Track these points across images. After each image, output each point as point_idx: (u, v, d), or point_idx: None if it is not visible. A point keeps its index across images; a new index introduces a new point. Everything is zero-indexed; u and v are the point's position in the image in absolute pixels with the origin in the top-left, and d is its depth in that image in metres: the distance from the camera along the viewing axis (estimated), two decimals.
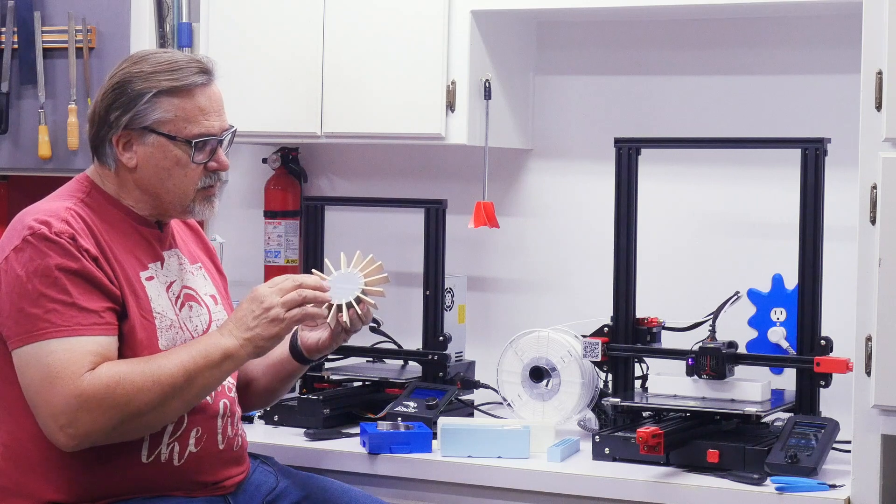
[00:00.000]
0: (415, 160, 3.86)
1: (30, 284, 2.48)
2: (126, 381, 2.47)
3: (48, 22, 3.87)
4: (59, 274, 2.49)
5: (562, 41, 3.71)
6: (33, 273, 2.49)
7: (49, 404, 2.45)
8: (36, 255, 2.50)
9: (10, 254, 2.52)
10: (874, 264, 2.69)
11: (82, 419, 2.45)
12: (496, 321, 3.76)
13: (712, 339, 3.15)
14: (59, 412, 2.45)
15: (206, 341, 2.58)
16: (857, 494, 2.74)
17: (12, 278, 2.50)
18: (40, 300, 2.48)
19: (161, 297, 2.64)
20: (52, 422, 2.46)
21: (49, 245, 2.50)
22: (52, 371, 2.45)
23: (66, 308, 2.48)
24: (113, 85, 2.64)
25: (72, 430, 2.45)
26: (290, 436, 3.23)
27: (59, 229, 2.52)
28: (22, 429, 2.55)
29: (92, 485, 2.55)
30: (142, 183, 2.66)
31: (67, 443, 2.47)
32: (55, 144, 3.83)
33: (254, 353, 2.59)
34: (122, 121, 2.62)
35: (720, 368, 3.08)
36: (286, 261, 3.90)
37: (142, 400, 2.48)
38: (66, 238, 2.51)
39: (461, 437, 3.07)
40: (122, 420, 2.48)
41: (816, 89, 3.43)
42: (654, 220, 3.46)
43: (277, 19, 3.59)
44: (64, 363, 2.45)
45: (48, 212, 2.56)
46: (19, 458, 2.56)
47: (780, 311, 3.30)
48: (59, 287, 2.49)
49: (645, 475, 2.91)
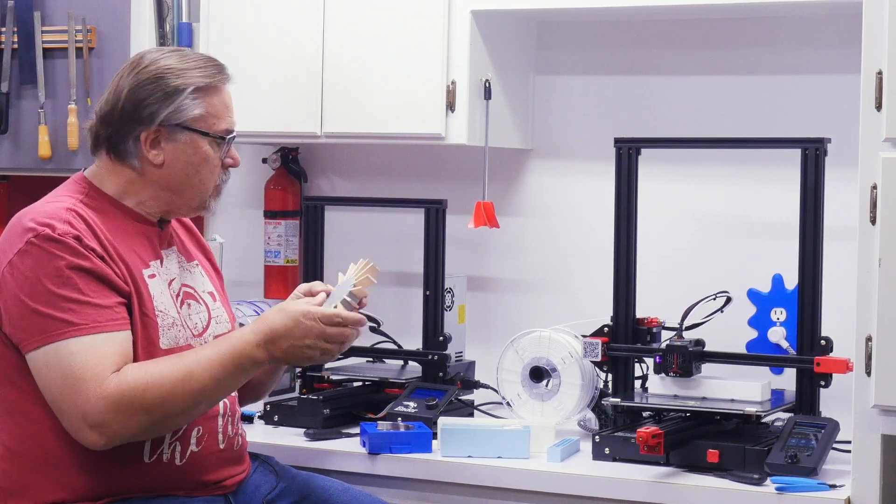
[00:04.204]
0: (415, 160, 3.86)
1: (41, 286, 2.47)
2: (155, 385, 2.47)
3: (48, 22, 3.87)
4: (70, 273, 2.49)
5: (562, 41, 3.71)
6: (44, 274, 2.48)
7: (76, 405, 2.45)
8: (43, 257, 2.49)
9: (13, 258, 2.50)
10: (874, 264, 2.69)
11: (112, 420, 2.45)
12: (496, 321, 3.76)
13: (679, 337, 3.15)
14: (87, 413, 2.45)
15: (237, 349, 2.53)
16: (857, 494, 2.74)
17: (21, 281, 2.49)
18: (54, 300, 2.47)
19: (163, 295, 2.64)
20: (81, 421, 2.46)
21: (55, 245, 2.49)
22: (75, 373, 2.45)
23: (81, 307, 2.48)
24: (145, 80, 2.62)
25: (103, 430, 2.46)
26: (290, 436, 3.23)
27: (62, 230, 2.51)
28: (23, 430, 2.55)
29: (94, 485, 2.55)
30: (165, 180, 2.66)
31: (97, 441, 2.48)
32: (55, 144, 3.83)
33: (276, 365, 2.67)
34: (159, 117, 2.62)
35: (687, 366, 3.08)
36: (286, 261, 3.90)
37: (172, 403, 2.49)
38: (70, 238, 2.51)
39: (461, 437, 3.07)
40: (153, 422, 2.50)
41: (816, 89, 3.43)
42: (654, 220, 3.46)
43: (277, 19, 3.59)
44: (87, 364, 2.45)
45: (48, 213, 2.54)
46: (20, 459, 2.56)
47: (780, 311, 3.30)
48: (72, 286, 2.48)
49: (645, 475, 2.91)
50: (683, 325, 3.19)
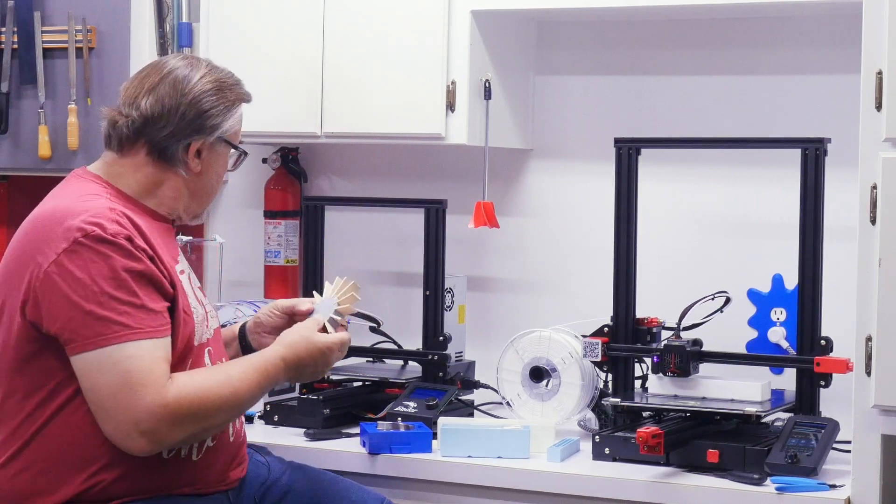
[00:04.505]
0: (415, 160, 3.86)
1: (96, 287, 2.44)
2: (210, 397, 2.51)
3: (48, 22, 3.87)
4: (125, 275, 2.47)
5: (562, 41, 3.71)
6: (98, 275, 2.45)
7: (131, 410, 2.43)
8: (96, 257, 2.46)
9: (60, 257, 2.46)
10: (874, 264, 2.69)
11: (164, 429, 2.45)
12: (496, 321, 3.76)
13: (677, 336, 3.15)
14: (141, 419, 2.43)
15: (270, 373, 2.63)
16: (857, 494, 2.74)
17: (72, 282, 2.45)
18: (110, 303, 2.44)
19: (191, 292, 2.65)
20: (131, 427, 2.44)
21: (108, 246, 2.47)
22: (132, 377, 2.43)
23: (136, 310, 2.46)
24: (209, 90, 2.65)
25: (152, 437, 2.45)
26: (290, 436, 3.24)
27: (113, 230, 2.48)
28: (43, 432, 2.51)
29: (111, 484, 2.53)
30: (194, 186, 2.68)
31: (145, 448, 2.47)
32: (55, 144, 3.83)
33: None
34: (220, 129, 2.67)
35: (684, 366, 3.08)
36: (286, 261, 3.90)
37: (221, 416, 2.55)
38: (122, 238, 2.49)
39: (461, 437, 3.07)
40: (195, 433, 2.52)
41: (816, 89, 3.43)
42: (654, 220, 3.46)
43: (277, 19, 3.59)
44: (144, 370, 2.44)
45: (94, 212, 2.50)
46: (39, 462, 2.52)
47: (780, 311, 3.30)
48: (127, 289, 2.46)
49: (645, 475, 2.91)
50: (681, 325, 3.19)
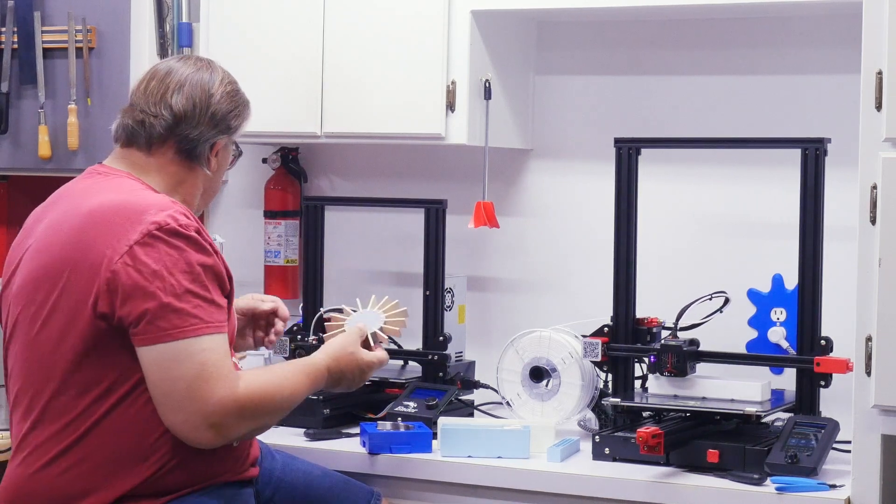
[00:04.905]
0: (415, 160, 3.86)
1: (173, 279, 2.46)
2: (274, 395, 2.56)
3: (48, 22, 3.87)
4: (199, 269, 2.50)
5: (562, 41, 3.71)
6: (174, 268, 2.47)
7: (203, 402, 2.45)
8: (171, 250, 2.48)
9: (133, 249, 2.47)
10: (874, 264, 2.69)
11: (232, 423, 2.48)
12: (496, 321, 3.76)
13: (674, 336, 3.15)
14: (212, 411, 2.46)
15: (318, 380, 2.72)
16: (857, 494, 2.74)
17: (148, 273, 2.46)
18: (186, 296, 2.46)
19: None
20: (201, 419, 2.46)
21: (182, 240, 2.49)
22: (206, 370, 2.45)
23: (207, 304, 2.49)
24: (230, 91, 2.72)
25: (220, 430, 2.48)
26: (290, 436, 3.23)
27: (185, 223, 2.51)
28: (95, 429, 2.51)
29: (165, 477, 2.53)
30: (206, 184, 2.73)
31: (211, 440, 2.49)
32: (55, 144, 3.83)
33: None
34: (240, 129, 2.74)
35: (681, 366, 3.08)
36: (286, 261, 3.90)
37: (277, 415, 2.61)
38: (193, 231, 2.52)
39: (461, 437, 3.07)
40: (255, 429, 2.57)
41: (816, 89, 3.43)
42: (654, 220, 3.46)
43: (277, 19, 3.59)
44: (217, 363, 2.47)
45: (161, 205, 2.53)
46: (91, 458, 2.51)
47: (780, 311, 3.30)
48: (201, 283, 2.49)
49: (645, 475, 2.91)
50: (678, 325, 3.18)
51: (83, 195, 2.61)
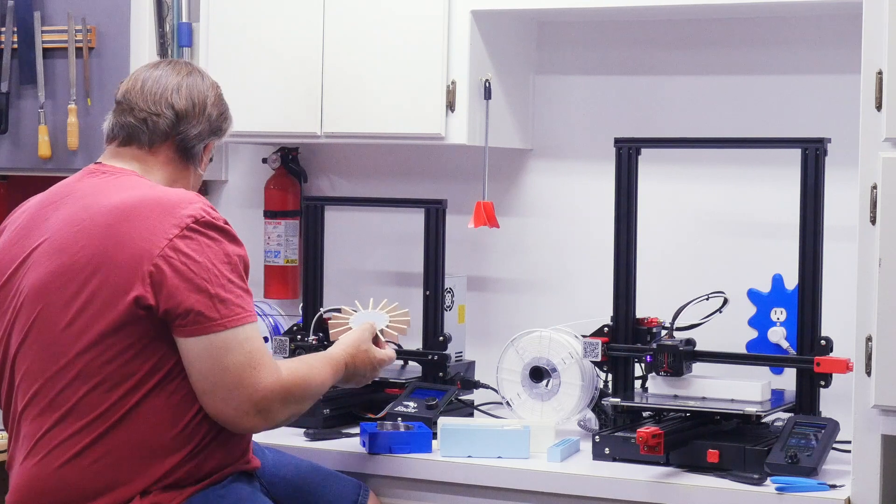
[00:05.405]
0: (415, 160, 3.86)
1: (216, 270, 2.51)
2: (311, 382, 2.66)
3: (48, 22, 3.87)
4: (236, 259, 2.56)
5: (562, 41, 3.71)
6: (215, 259, 2.52)
7: (253, 388, 2.52)
8: (210, 242, 2.53)
9: (174, 241, 2.50)
10: (874, 264, 2.69)
11: (278, 408, 2.56)
12: (496, 321, 3.76)
13: (670, 336, 3.15)
14: (261, 397, 2.53)
15: (339, 371, 2.83)
16: (857, 494, 2.74)
17: (193, 265, 2.50)
18: (229, 286, 2.52)
19: None
20: (250, 405, 2.52)
21: (218, 232, 2.55)
22: (254, 357, 2.52)
23: (246, 294, 2.57)
24: (220, 94, 2.80)
25: (266, 416, 2.56)
26: (290, 436, 3.23)
27: (215, 215, 2.58)
28: (124, 422, 2.52)
29: (197, 467, 2.57)
30: (195, 185, 2.79)
31: (257, 426, 2.58)
32: (55, 144, 3.83)
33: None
34: (228, 132, 2.82)
35: (677, 366, 3.08)
36: (286, 261, 3.90)
37: (310, 401, 2.70)
38: (224, 223, 2.58)
39: (461, 437, 3.07)
40: (296, 413, 2.65)
41: (816, 89, 3.43)
42: (654, 220, 3.46)
43: (277, 19, 3.59)
44: (262, 350, 2.55)
45: (189, 199, 2.58)
46: (119, 450, 2.52)
47: (780, 311, 3.30)
48: (238, 273, 2.56)
49: (645, 475, 2.91)
50: (674, 325, 3.18)
51: (97, 193, 2.62)
